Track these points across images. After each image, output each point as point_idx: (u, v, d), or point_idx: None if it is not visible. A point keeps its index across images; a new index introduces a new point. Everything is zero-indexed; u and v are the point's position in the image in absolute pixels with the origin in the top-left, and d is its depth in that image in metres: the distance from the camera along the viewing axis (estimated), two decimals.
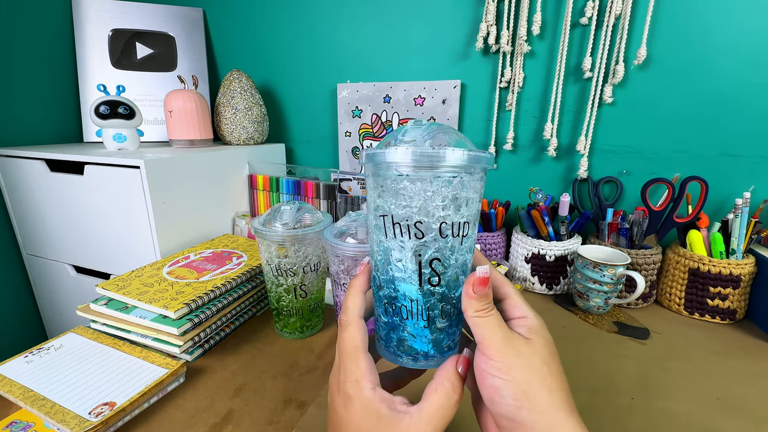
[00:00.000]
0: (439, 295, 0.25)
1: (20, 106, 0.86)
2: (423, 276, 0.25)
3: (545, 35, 0.74)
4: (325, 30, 0.90)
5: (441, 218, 0.24)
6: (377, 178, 0.25)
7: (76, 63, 0.91)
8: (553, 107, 0.74)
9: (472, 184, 0.24)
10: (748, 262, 0.58)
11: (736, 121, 0.66)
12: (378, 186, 0.25)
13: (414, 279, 0.25)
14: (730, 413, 0.42)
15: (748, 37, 0.63)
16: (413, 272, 0.24)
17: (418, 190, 0.23)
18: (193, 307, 0.49)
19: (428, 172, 0.23)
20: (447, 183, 0.23)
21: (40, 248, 0.84)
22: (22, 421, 0.38)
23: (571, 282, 0.67)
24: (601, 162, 0.76)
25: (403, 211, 0.24)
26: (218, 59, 1.03)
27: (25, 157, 0.76)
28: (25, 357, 0.45)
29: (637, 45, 0.67)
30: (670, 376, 0.48)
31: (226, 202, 0.83)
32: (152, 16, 0.94)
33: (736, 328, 0.59)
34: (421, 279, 0.25)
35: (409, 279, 0.25)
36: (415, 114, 0.86)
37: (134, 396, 0.39)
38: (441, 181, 0.23)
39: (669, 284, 0.64)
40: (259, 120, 0.91)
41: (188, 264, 0.60)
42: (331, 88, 0.93)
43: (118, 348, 0.48)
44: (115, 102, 0.75)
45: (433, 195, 0.23)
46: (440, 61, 0.83)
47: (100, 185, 0.69)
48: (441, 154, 0.22)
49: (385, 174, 0.24)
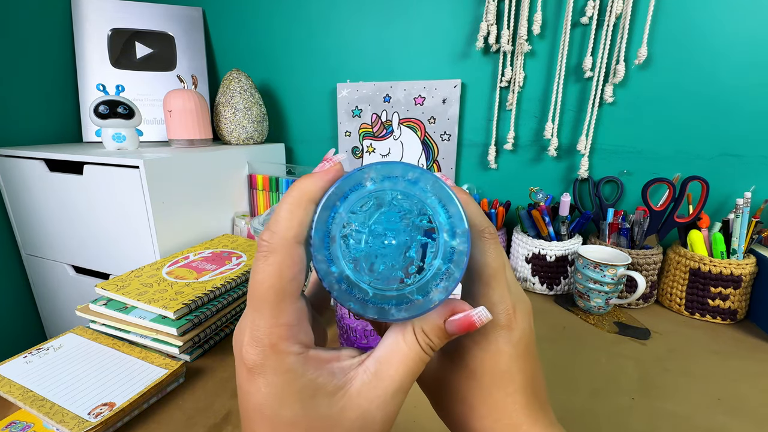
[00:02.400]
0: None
1: (19, 105, 0.86)
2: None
3: (546, 35, 0.74)
4: (325, 29, 0.90)
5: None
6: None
7: (76, 62, 0.91)
8: (554, 107, 0.74)
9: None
10: (748, 263, 0.58)
11: (737, 121, 0.66)
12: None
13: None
14: (731, 413, 0.42)
15: (749, 37, 0.63)
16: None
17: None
18: (193, 308, 0.49)
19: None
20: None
21: (40, 248, 0.84)
22: (22, 422, 0.38)
23: (572, 282, 0.66)
24: (602, 162, 0.76)
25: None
26: (218, 59, 1.03)
27: (25, 157, 0.76)
28: (25, 357, 0.45)
29: (638, 44, 0.67)
30: (671, 376, 0.48)
31: (225, 202, 0.83)
32: (152, 15, 0.94)
33: (737, 328, 0.59)
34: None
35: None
36: (415, 113, 0.85)
37: (134, 396, 0.39)
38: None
39: (670, 284, 0.64)
40: (259, 120, 0.91)
41: (187, 264, 0.60)
42: (330, 87, 0.93)
43: (117, 348, 0.47)
44: (115, 102, 0.75)
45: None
46: (440, 61, 0.83)
47: (100, 185, 0.69)
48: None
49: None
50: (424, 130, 0.86)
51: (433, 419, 0.23)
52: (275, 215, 0.17)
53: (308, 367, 0.17)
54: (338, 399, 0.17)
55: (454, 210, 0.18)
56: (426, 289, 0.18)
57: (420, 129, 0.86)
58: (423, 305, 0.18)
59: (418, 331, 0.18)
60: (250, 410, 0.17)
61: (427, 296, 0.18)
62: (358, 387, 0.17)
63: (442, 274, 0.18)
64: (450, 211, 0.18)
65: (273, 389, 0.16)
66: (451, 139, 0.84)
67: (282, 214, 0.17)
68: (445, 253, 0.18)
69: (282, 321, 0.16)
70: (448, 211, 0.18)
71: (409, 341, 0.18)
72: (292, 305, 0.17)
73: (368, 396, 0.17)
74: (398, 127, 0.88)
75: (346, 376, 0.17)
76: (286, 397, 0.16)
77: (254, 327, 0.16)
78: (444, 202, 0.18)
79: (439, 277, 0.18)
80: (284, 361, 0.16)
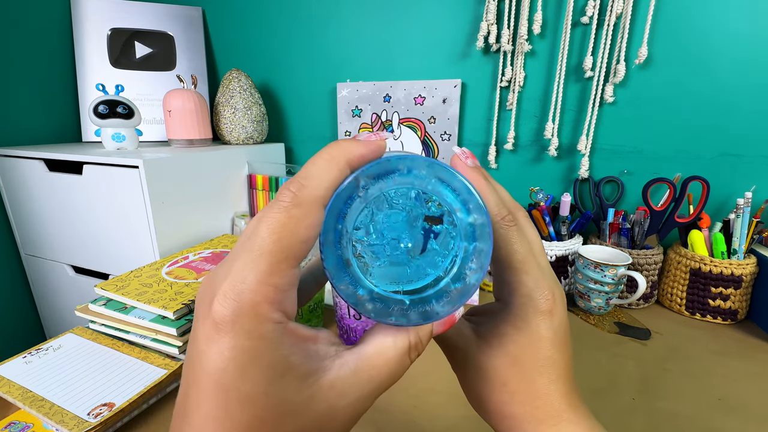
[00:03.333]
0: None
1: (19, 105, 0.86)
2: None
3: (546, 34, 0.74)
4: (325, 29, 0.90)
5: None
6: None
7: (75, 62, 0.91)
8: (554, 107, 0.74)
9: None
10: (749, 263, 0.58)
11: (737, 121, 0.66)
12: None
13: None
14: (732, 413, 0.42)
15: (749, 37, 0.63)
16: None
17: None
18: (192, 308, 0.49)
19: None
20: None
21: (39, 248, 0.84)
22: (21, 422, 0.38)
23: (572, 282, 0.66)
24: (602, 162, 0.76)
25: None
26: (217, 58, 1.03)
27: (24, 157, 0.76)
28: (24, 357, 0.45)
29: (638, 44, 0.66)
30: (672, 376, 0.48)
31: (225, 202, 0.83)
32: (151, 15, 0.94)
33: (738, 328, 0.59)
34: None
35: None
36: (415, 113, 0.85)
37: (133, 397, 0.39)
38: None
39: (670, 284, 0.64)
40: (259, 119, 0.91)
41: (187, 264, 0.60)
42: (330, 87, 0.93)
43: (117, 348, 0.47)
44: (114, 101, 0.75)
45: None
46: (440, 61, 0.83)
47: (99, 185, 0.69)
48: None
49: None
50: (424, 130, 0.86)
51: (434, 419, 0.23)
52: (307, 168, 0.15)
53: (284, 340, 0.15)
54: (308, 386, 0.15)
55: (458, 185, 0.16)
56: (460, 275, 0.17)
57: (420, 129, 0.86)
58: (463, 292, 0.16)
59: (413, 335, 0.17)
60: (199, 375, 0.14)
61: (464, 281, 0.16)
62: (331, 379, 0.16)
63: (471, 255, 0.16)
64: (455, 188, 0.17)
65: (239, 355, 0.14)
66: (452, 139, 0.84)
67: (317, 169, 0.15)
68: (467, 232, 0.17)
69: (274, 281, 0.14)
70: (453, 190, 0.17)
71: (399, 346, 0.17)
72: (292, 269, 0.15)
73: (341, 391, 0.16)
74: (398, 127, 0.88)
75: (321, 363, 0.16)
76: (251, 368, 0.14)
77: (239, 278, 0.14)
78: (446, 181, 0.16)
79: (469, 259, 0.16)
80: (261, 325, 0.14)
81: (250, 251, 0.14)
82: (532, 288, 0.19)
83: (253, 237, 0.14)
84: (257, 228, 0.15)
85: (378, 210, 0.17)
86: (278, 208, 0.15)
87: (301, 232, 0.15)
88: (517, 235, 0.19)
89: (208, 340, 0.14)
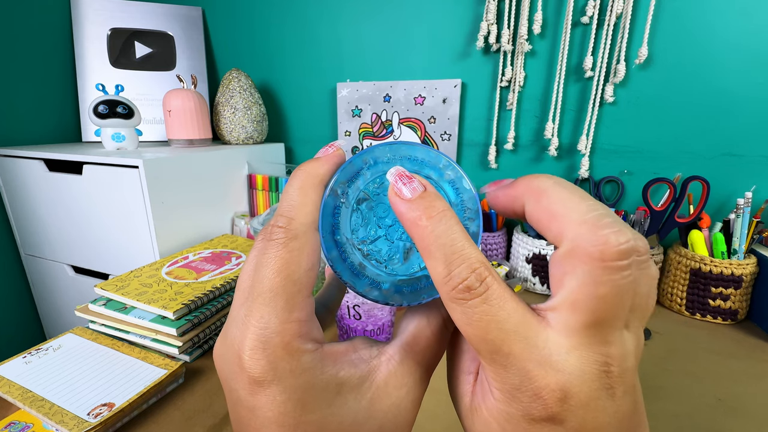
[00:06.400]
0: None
1: (18, 105, 0.85)
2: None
3: (546, 34, 0.74)
4: (325, 29, 0.90)
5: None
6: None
7: (75, 62, 0.91)
8: (554, 106, 0.74)
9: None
10: (749, 263, 0.58)
11: (737, 121, 0.66)
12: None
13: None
14: (732, 414, 0.42)
15: (749, 36, 0.63)
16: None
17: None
18: (192, 308, 0.49)
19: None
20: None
21: (39, 248, 0.84)
22: (21, 422, 0.38)
23: None
24: (603, 162, 0.76)
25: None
26: (217, 58, 1.03)
27: (24, 157, 0.76)
28: (24, 357, 0.45)
29: (639, 44, 0.66)
30: (672, 376, 0.48)
31: (225, 201, 0.83)
32: (151, 15, 0.94)
33: (738, 328, 0.59)
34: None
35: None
36: (415, 113, 0.85)
37: (133, 397, 0.39)
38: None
39: (670, 284, 0.64)
40: (259, 119, 0.91)
41: (187, 264, 0.60)
42: (330, 87, 0.93)
43: (116, 349, 0.47)
44: (114, 101, 0.75)
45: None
46: (441, 60, 0.83)
47: (99, 185, 0.69)
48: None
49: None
50: (425, 130, 0.86)
51: (433, 419, 0.23)
52: (286, 200, 0.16)
53: (326, 362, 0.15)
54: (365, 390, 0.15)
55: (421, 153, 0.17)
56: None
57: (420, 129, 0.86)
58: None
59: (443, 307, 0.17)
60: (260, 428, 0.14)
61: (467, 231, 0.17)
62: (384, 376, 0.16)
63: (461, 208, 0.17)
64: (421, 158, 0.17)
65: (292, 394, 0.14)
66: (452, 139, 0.84)
67: (296, 199, 0.16)
68: (448, 189, 0.17)
69: (296, 316, 0.14)
70: (421, 160, 0.17)
71: (434, 323, 0.17)
72: (307, 299, 0.15)
73: (396, 383, 0.16)
74: (398, 127, 0.88)
75: (369, 365, 0.16)
76: (309, 401, 0.14)
77: (262, 327, 0.14)
78: (411, 155, 0.17)
79: (462, 212, 0.17)
80: (300, 360, 0.14)
81: (261, 296, 0.14)
82: (517, 384, 0.13)
83: (259, 283, 0.15)
84: (259, 273, 0.15)
85: (366, 208, 0.18)
86: (274, 247, 0.15)
87: (305, 262, 0.15)
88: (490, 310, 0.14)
89: (253, 396, 0.14)
